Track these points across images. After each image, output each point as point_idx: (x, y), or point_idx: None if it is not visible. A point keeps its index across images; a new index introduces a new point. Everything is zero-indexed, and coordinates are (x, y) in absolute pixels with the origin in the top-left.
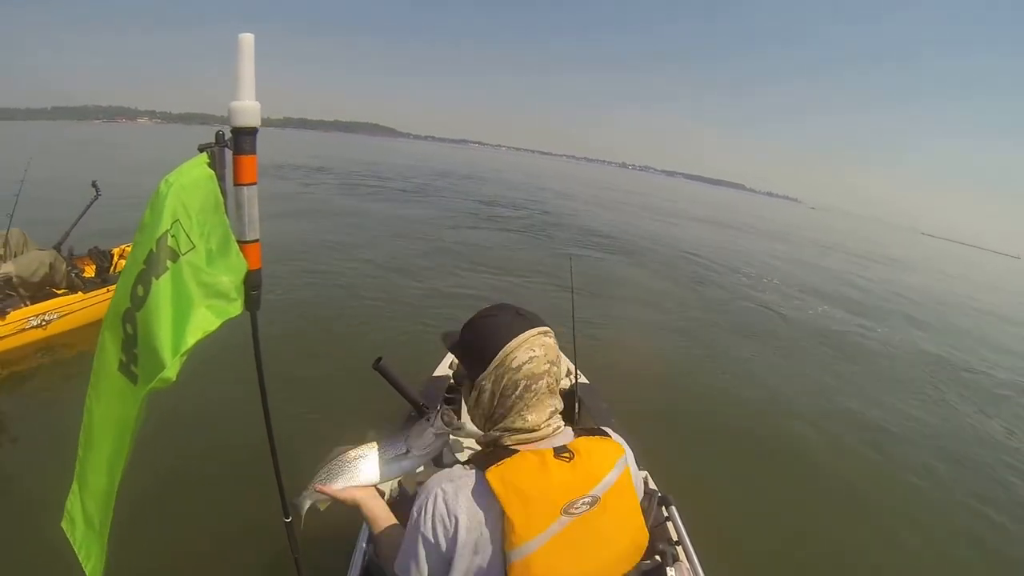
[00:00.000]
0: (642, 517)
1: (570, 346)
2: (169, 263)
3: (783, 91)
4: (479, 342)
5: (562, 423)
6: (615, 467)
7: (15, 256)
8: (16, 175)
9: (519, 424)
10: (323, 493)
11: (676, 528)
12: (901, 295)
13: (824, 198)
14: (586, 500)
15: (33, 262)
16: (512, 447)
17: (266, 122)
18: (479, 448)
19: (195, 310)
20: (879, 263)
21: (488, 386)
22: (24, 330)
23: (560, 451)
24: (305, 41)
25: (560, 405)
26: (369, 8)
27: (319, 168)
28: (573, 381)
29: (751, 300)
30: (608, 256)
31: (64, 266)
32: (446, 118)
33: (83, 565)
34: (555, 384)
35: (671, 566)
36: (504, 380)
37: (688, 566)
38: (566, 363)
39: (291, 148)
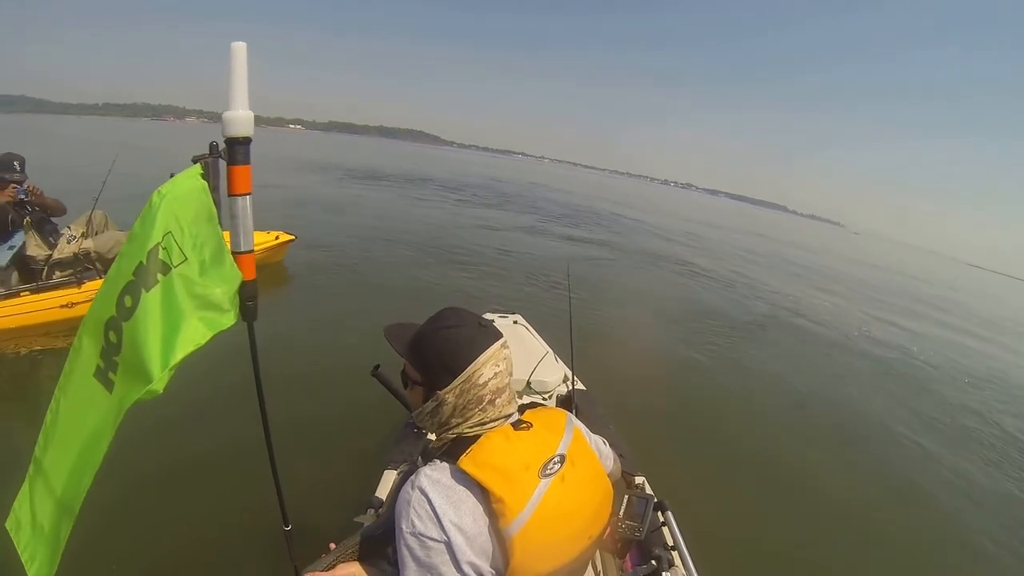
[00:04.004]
0: (602, 466)
1: (567, 351)
2: (160, 276)
3: (832, 117)
4: (443, 357)
5: (515, 409)
6: (567, 425)
7: (96, 234)
8: (80, 163)
9: (474, 431)
10: None
11: (672, 533)
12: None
13: (867, 223)
14: (555, 459)
15: (110, 240)
16: (473, 435)
17: (310, 125)
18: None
19: (186, 323)
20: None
21: (451, 399)
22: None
23: (518, 424)
24: (346, 44)
25: (515, 409)
26: (408, 11)
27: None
28: (570, 387)
29: (755, 309)
30: (609, 261)
31: None
32: (488, 127)
33: (26, 568)
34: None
35: (667, 571)
36: (469, 395)
37: (684, 571)
38: (563, 369)
39: (375, 156)
